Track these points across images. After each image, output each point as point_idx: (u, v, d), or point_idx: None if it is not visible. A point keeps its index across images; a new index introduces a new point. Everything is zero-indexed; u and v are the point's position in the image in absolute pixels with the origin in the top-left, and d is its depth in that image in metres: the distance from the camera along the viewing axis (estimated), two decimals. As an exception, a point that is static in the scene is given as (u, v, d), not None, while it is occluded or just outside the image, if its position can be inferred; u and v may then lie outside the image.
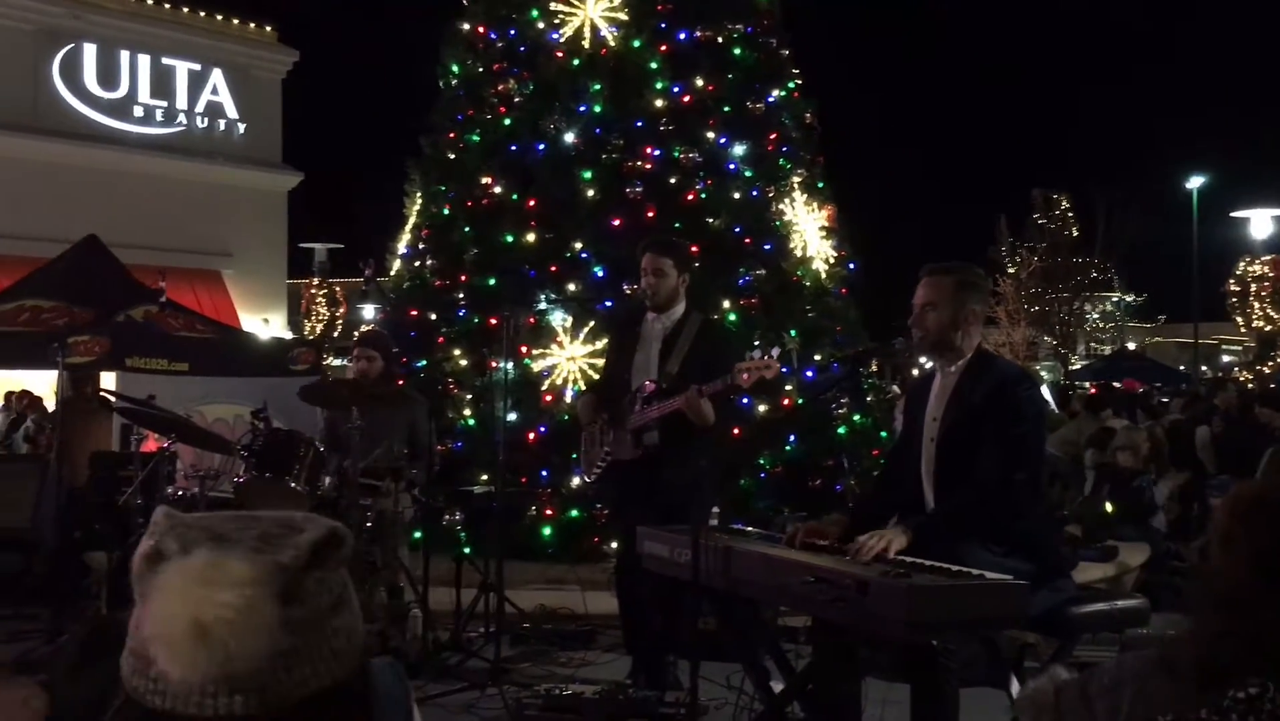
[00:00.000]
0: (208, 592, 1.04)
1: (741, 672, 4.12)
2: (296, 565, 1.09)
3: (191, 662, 1.03)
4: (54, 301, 12.02)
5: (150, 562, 1.10)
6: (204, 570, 1.05)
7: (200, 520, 1.13)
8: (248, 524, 1.13)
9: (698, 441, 4.80)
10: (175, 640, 1.03)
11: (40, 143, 19.71)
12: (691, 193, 8.64)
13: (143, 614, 1.09)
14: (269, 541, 1.10)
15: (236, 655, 1.03)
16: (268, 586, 1.06)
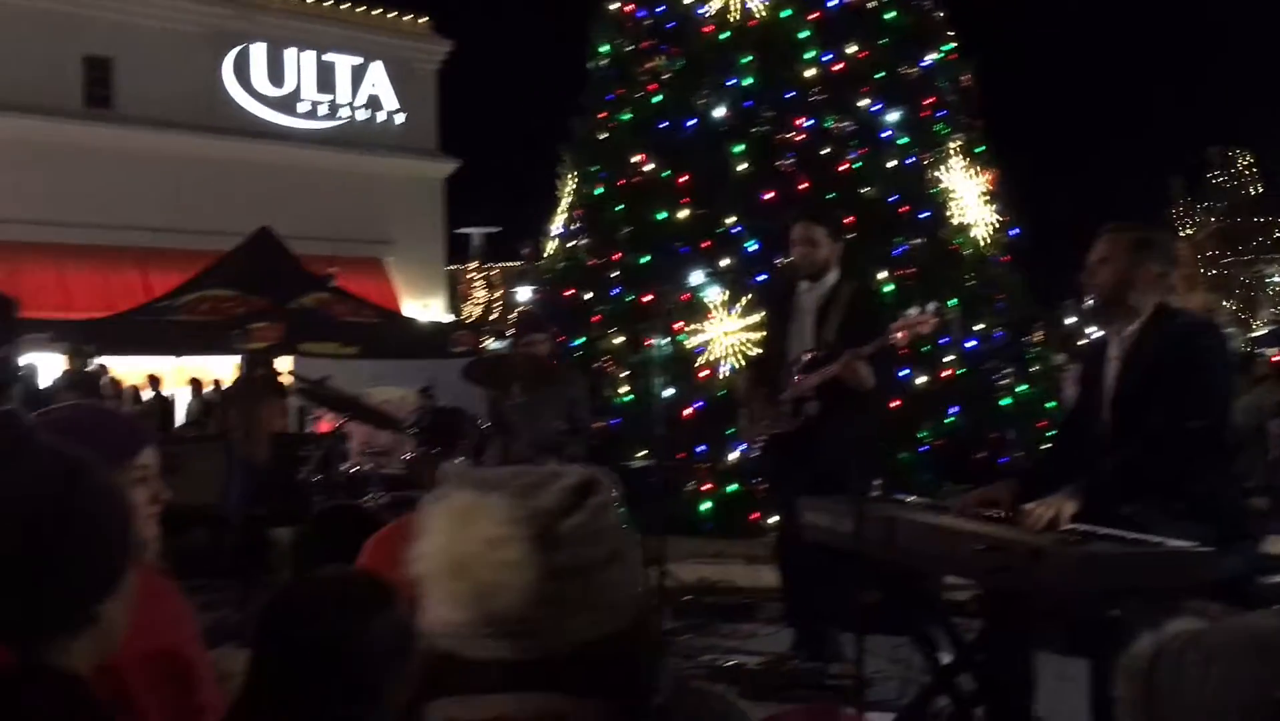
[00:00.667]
0: (467, 530, 1.06)
1: (906, 646, 4.07)
2: (555, 509, 1.09)
3: (453, 599, 1.06)
4: (232, 291, 12.70)
5: (432, 503, 1.13)
6: (465, 509, 1.08)
7: (480, 471, 1.17)
8: (517, 473, 1.15)
9: (858, 410, 4.75)
10: (437, 577, 1.07)
11: (216, 141, 20.76)
12: (844, 162, 8.50)
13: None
14: (534, 486, 1.11)
15: (494, 593, 1.05)
16: (524, 527, 1.07)
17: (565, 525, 1.10)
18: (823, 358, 4.92)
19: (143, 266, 19.67)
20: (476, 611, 1.06)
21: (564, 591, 1.08)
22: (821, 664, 4.60)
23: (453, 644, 1.10)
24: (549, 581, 1.07)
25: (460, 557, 1.06)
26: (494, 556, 1.05)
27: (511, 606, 1.06)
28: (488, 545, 1.06)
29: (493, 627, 1.07)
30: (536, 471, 1.16)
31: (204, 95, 21.18)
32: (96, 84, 20.50)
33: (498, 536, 1.06)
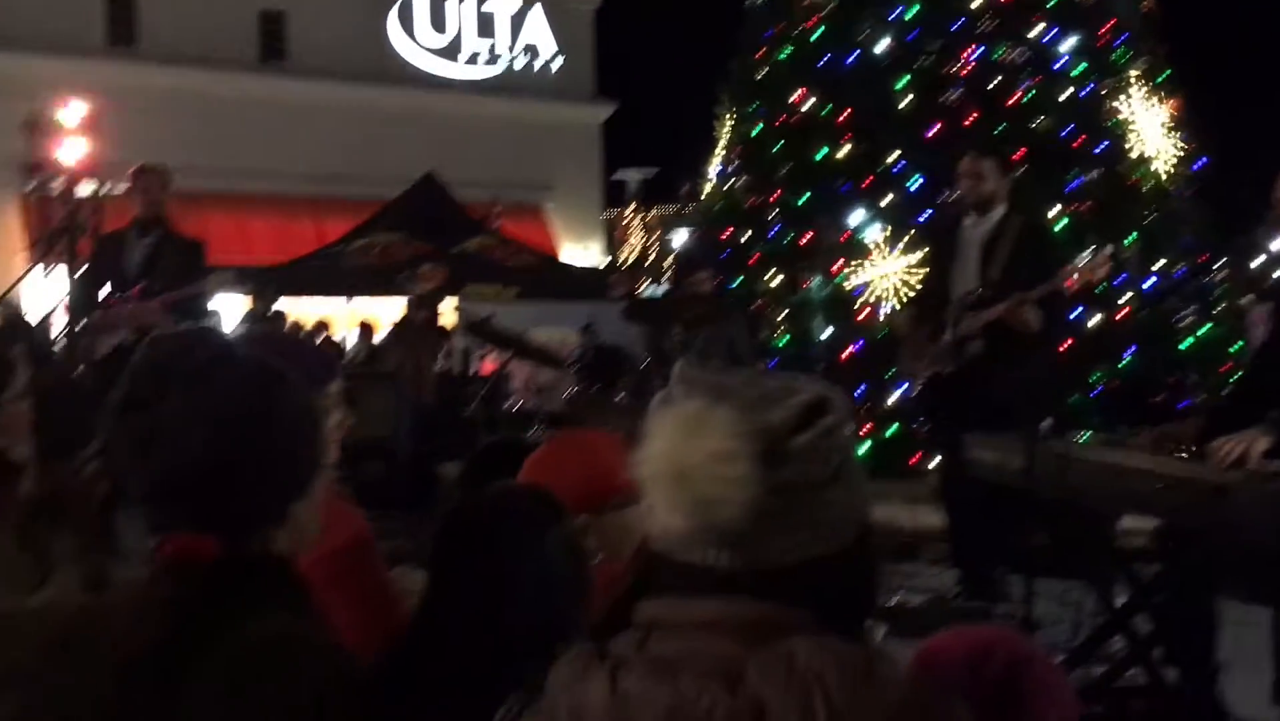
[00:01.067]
0: (692, 440, 1.06)
1: (1078, 589, 3.95)
2: (784, 427, 1.09)
3: (674, 506, 1.06)
4: (399, 236, 13.12)
5: (660, 405, 1.15)
6: (692, 418, 1.07)
7: (714, 374, 1.16)
8: (750, 382, 1.14)
9: (1025, 349, 4.61)
10: (660, 482, 1.07)
11: (382, 91, 21.34)
12: (1015, 94, 8.16)
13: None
14: (765, 400, 1.10)
15: (715, 505, 1.05)
16: (750, 443, 1.06)
17: (793, 443, 1.09)
18: (988, 297, 4.79)
19: (315, 214, 20.46)
20: (697, 520, 1.06)
21: (784, 508, 1.08)
22: (986, 604, 4.52)
23: (669, 546, 1.11)
24: (770, 497, 1.07)
25: (683, 468, 1.05)
26: (717, 470, 1.05)
27: (731, 519, 1.06)
28: (712, 458, 1.05)
29: (711, 536, 1.08)
30: (770, 383, 1.15)
31: (370, 46, 21.75)
32: (271, 37, 21.28)
33: (723, 450, 1.05)
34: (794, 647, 1.05)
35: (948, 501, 5.11)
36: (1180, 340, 7.85)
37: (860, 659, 1.06)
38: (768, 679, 1.03)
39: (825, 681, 1.03)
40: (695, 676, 1.03)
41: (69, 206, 9.71)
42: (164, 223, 6.37)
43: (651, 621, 1.11)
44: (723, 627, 1.08)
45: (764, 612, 1.08)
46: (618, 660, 1.08)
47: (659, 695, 1.04)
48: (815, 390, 1.12)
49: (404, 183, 14.82)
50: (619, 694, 1.05)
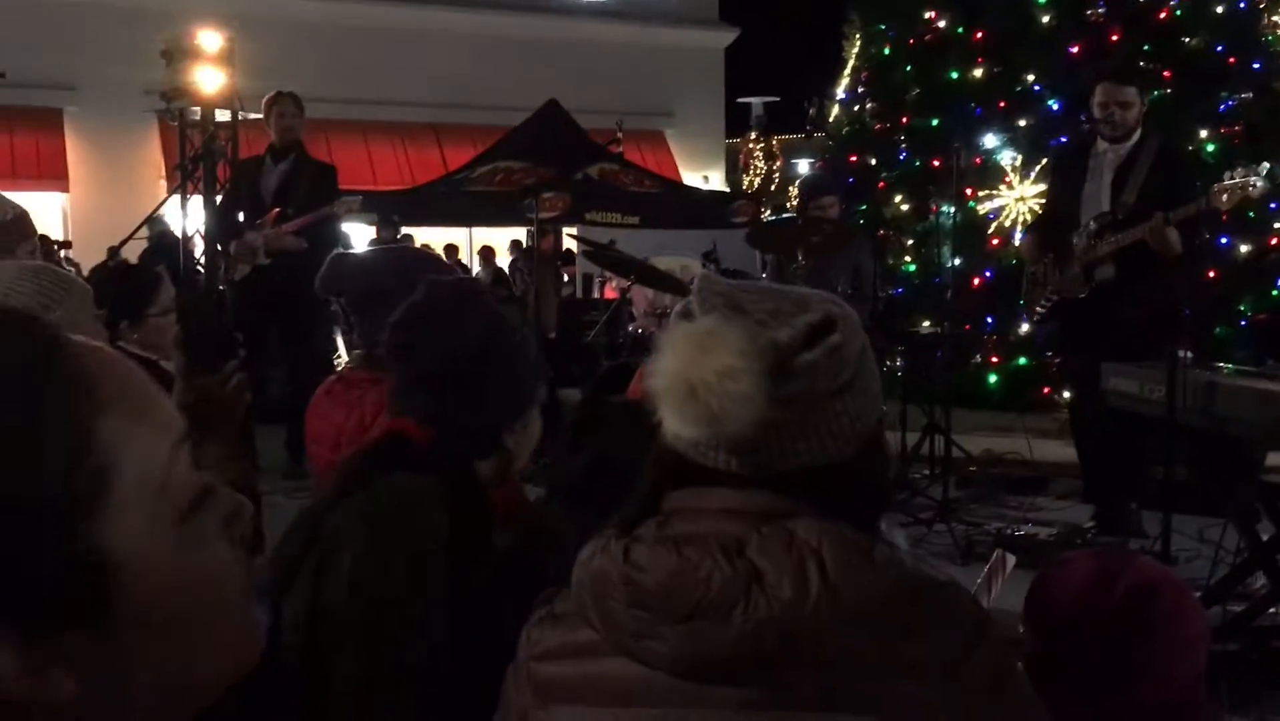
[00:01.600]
0: (702, 357, 1.10)
1: (1214, 525, 3.81)
2: (791, 344, 1.12)
3: (684, 418, 1.12)
4: (522, 163, 13.16)
5: (679, 319, 1.19)
6: (704, 336, 1.12)
7: (731, 287, 1.20)
8: (766, 297, 1.18)
9: (1161, 274, 4.42)
10: (671, 395, 1.12)
11: (506, 18, 21.36)
12: (1164, 10, 7.74)
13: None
14: (776, 317, 1.14)
15: (723, 419, 1.10)
16: (757, 360, 1.10)
17: (799, 360, 1.13)
18: (1121, 220, 4.60)
19: (439, 141, 20.71)
20: (707, 431, 1.12)
21: (790, 420, 1.13)
22: (1119, 538, 4.40)
23: (685, 450, 1.17)
24: (776, 410, 1.11)
25: (693, 383, 1.10)
26: (725, 386, 1.09)
27: (740, 431, 1.11)
28: (720, 375, 1.10)
29: (721, 445, 1.14)
30: (784, 298, 1.18)
31: (494, -28, 21.75)
32: (396, -34, 21.44)
33: (731, 367, 1.10)
34: (795, 525, 1.12)
35: (1079, 433, 4.97)
36: (1337, 271, 7.43)
37: (862, 540, 1.12)
38: (766, 550, 1.09)
39: (821, 554, 1.08)
40: (699, 546, 1.11)
41: (207, 133, 10.00)
42: (298, 149, 6.51)
43: (673, 509, 1.19)
44: (736, 513, 1.15)
45: (775, 502, 1.15)
46: (634, 537, 1.16)
47: (664, 561, 1.11)
48: (825, 308, 1.16)
49: (527, 110, 14.84)
50: (630, 561, 1.13)
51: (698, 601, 1.08)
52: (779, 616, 1.06)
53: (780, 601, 1.07)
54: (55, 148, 18.62)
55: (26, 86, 17.83)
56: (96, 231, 14.39)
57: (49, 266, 2.60)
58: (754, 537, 1.11)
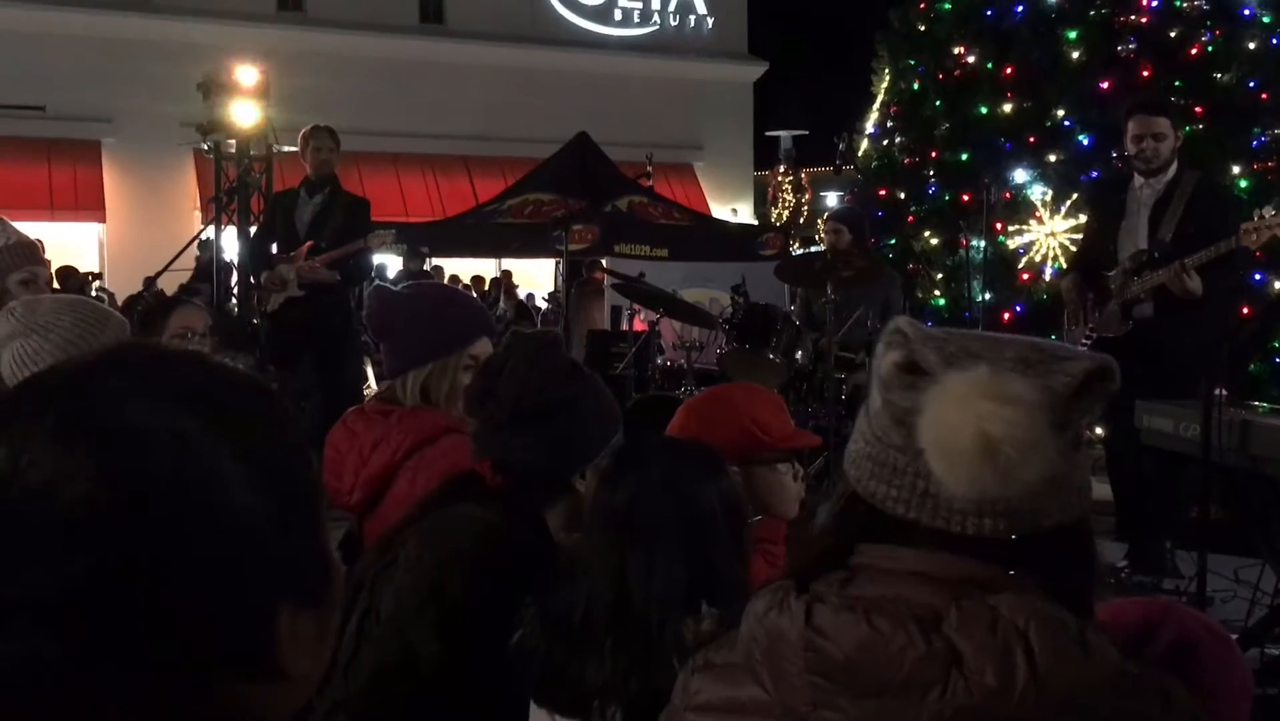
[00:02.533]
0: (995, 407, 1.02)
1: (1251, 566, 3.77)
2: (1068, 392, 1.06)
3: (975, 478, 1.02)
4: (552, 195, 13.25)
5: (906, 372, 1.10)
6: (989, 383, 1.03)
7: (949, 335, 1.13)
8: (998, 345, 1.11)
9: (1200, 312, 4.39)
10: (961, 452, 1.02)
11: (536, 51, 21.57)
12: (1196, 45, 7.71)
13: (895, 426, 1.10)
14: (1030, 365, 1.07)
15: (1018, 476, 1.02)
16: (1046, 410, 1.03)
17: (1074, 410, 1.07)
18: (1158, 259, 4.58)
19: (470, 173, 20.88)
20: (995, 491, 1.03)
21: (1065, 472, 1.06)
22: (1154, 578, 4.35)
23: (918, 512, 1.08)
24: (1060, 461, 1.04)
25: (991, 435, 1.01)
26: (1025, 441, 1.01)
27: (1030, 486, 1.02)
28: (1020, 429, 1.01)
29: (995, 506, 1.04)
30: (1021, 345, 1.11)
31: (525, 8, 21.98)
32: (430, 1, 21.71)
33: (1028, 420, 1.02)
34: (999, 601, 1.02)
35: (1114, 471, 4.92)
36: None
37: (1072, 623, 1.02)
38: (967, 629, 1.00)
39: (1029, 638, 0.99)
40: (891, 617, 1.02)
41: (242, 166, 10.14)
42: (333, 182, 6.58)
43: (858, 566, 1.11)
44: (931, 577, 1.06)
45: (979, 569, 1.06)
46: (816, 595, 1.07)
47: (852, 630, 1.03)
48: (1088, 355, 1.10)
49: (557, 142, 14.96)
50: (812, 625, 1.05)
51: (889, 679, 1.01)
52: (979, 705, 0.99)
53: (983, 689, 0.98)
54: (93, 179, 18.92)
55: (66, 119, 18.17)
56: (132, 262, 14.59)
57: (86, 300, 2.64)
58: (952, 612, 1.02)
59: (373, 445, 2.32)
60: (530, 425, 1.93)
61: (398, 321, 2.45)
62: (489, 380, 1.99)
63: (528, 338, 2.04)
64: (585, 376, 2.03)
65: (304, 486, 0.76)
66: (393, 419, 2.35)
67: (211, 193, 11.06)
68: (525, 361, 1.97)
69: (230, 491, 0.69)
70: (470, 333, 2.38)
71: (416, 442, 2.30)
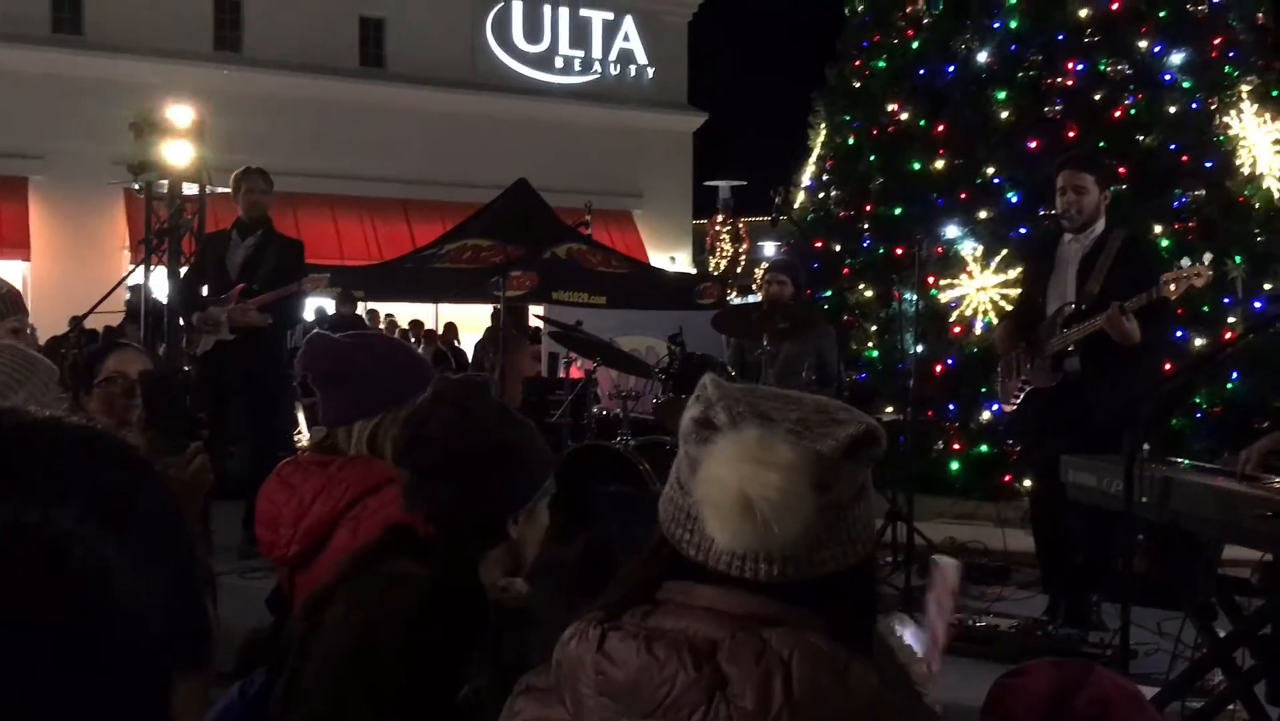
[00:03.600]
0: (756, 471, 1.11)
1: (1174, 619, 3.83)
2: (834, 456, 1.14)
3: (736, 532, 1.12)
4: (491, 240, 13.26)
5: (700, 427, 1.19)
6: (754, 448, 1.12)
7: (745, 393, 1.21)
8: (788, 405, 1.19)
9: (1124, 366, 4.50)
10: (724, 508, 1.12)
11: (477, 97, 21.65)
12: (1120, 108, 7.98)
13: (690, 475, 1.19)
14: (809, 427, 1.16)
15: (775, 533, 1.11)
16: (807, 473, 1.12)
17: (840, 472, 1.15)
18: (1085, 311, 4.69)
19: (408, 217, 20.82)
20: (755, 545, 1.13)
21: (823, 528, 1.15)
22: (1079, 631, 4.41)
23: (704, 556, 1.17)
24: (816, 520, 1.13)
25: (749, 496, 1.10)
26: (781, 504, 1.10)
27: (788, 542, 1.12)
28: (777, 493, 1.10)
29: (762, 556, 1.14)
30: (809, 405, 1.20)
31: (466, 53, 22.08)
32: (370, 43, 21.72)
33: (787, 485, 1.11)
34: (770, 635, 1.11)
35: (1040, 524, 5.00)
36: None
37: (837, 656, 1.11)
38: (735, 657, 1.09)
39: (790, 668, 1.08)
40: (669, 645, 1.12)
41: (174, 206, 10.01)
42: (266, 224, 6.52)
43: (661, 600, 1.20)
44: (719, 612, 1.15)
45: (763, 606, 1.15)
46: (615, 625, 1.17)
47: (633, 656, 1.13)
48: (858, 419, 1.18)
49: (497, 188, 15.00)
50: (602, 651, 1.14)
51: (660, 700, 1.10)
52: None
53: (741, 712, 1.07)
54: (18, 216, 18.56)
55: (-8, 155, 17.82)
56: (57, 302, 14.27)
57: (13, 346, 2.58)
58: (726, 642, 1.11)
59: (313, 495, 2.29)
60: (461, 473, 1.88)
61: (347, 369, 2.41)
62: (416, 428, 1.95)
63: (455, 383, 2.01)
64: (515, 421, 1.99)
65: (184, 554, 0.75)
66: (333, 469, 2.32)
67: (142, 233, 10.89)
68: (453, 407, 1.93)
69: (115, 578, 0.67)
70: (422, 384, 2.36)
71: (359, 493, 2.26)
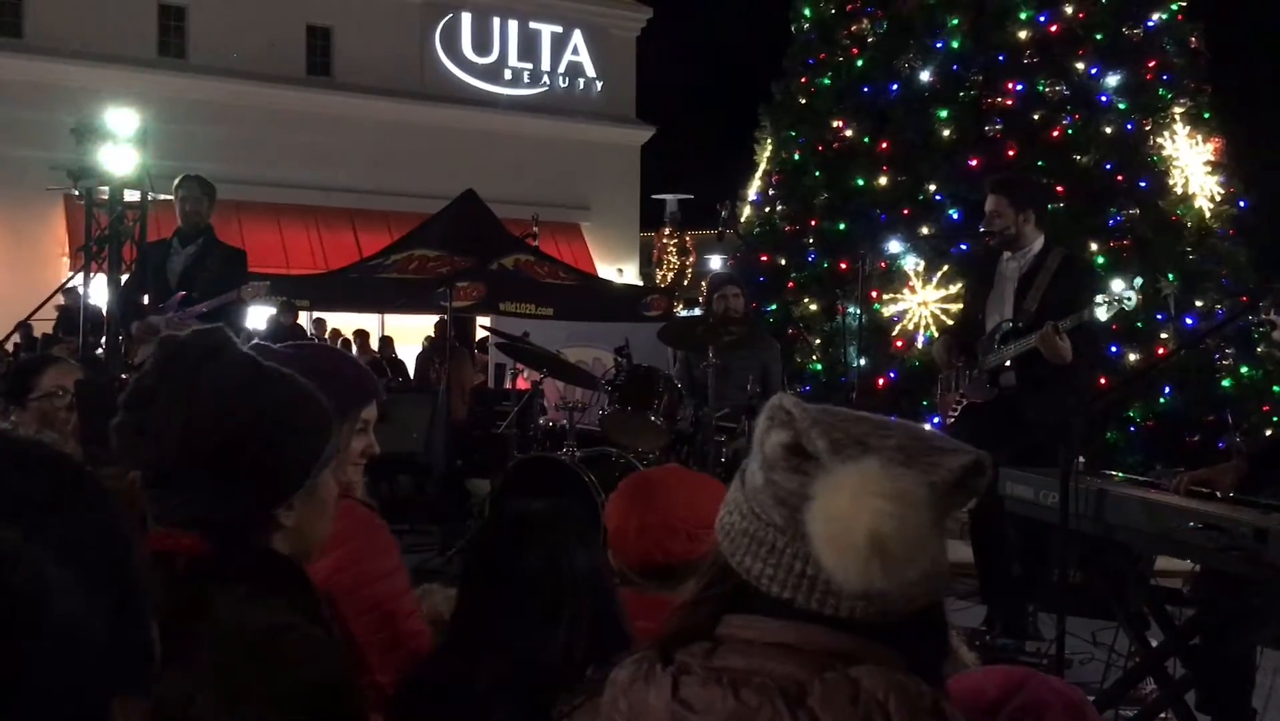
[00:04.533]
0: (885, 505, 1.04)
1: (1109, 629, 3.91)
2: (947, 487, 1.09)
3: (864, 572, 1.04)
4: (438, 251, 13.19)
5: (793, 455, 1.11)
6: (879, 481, 1.05)
7: (827, 415, 1.14)
8: (876, 429, 1.13)
9: (1059, 382, 4.60)
10: (852, 548, 1.04)
11: (426, 108, 21.56)
12: (1057, 128, 8.14)
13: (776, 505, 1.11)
14: (912, 456, 1.10)
15: (904, 572, 1.05)
16: (930, 508, 1.06)
17: (952, 502, 1.10)
18: (1022, 329, 4.79)
19: (355, 227, 20.66)
20: (883, 586, 1.05)
21: (939, 564, 1.09)
22: (1016, 641, 4.48)
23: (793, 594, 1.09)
24: (939, 555, 1.08)
25: (880, 534, 1.03)
26: (913, 541, 1.04)
27: (916, 580, 1.05)
28: (910, 529, 1.04)
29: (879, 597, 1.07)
30: (900, 432, 1.14)
31: (414, 63, 21.99)
32: (317, 52, 21.56)
33: (916, 520, 1.04)
34: (860, 674, 1.05)
35: (978, 536, 5.08)
36: (1220, 380, 7.77)
37: (927, 695, 1.05)
38: (830, 701, 1.03)
39: (889, 709, 1.02)
40: (758, 690, 1.04)
41: (115, 213, 9.85)
42: (206, 232, 6.44)
43: (724, 636, 1.12)
44: (794, 649, 1.08)
45: (840, 641, 1.08)
46: (683, 667, 1.08)
47: (720, 704, 1.04)
48: (963, 449, 1.13)
49: (444, 198, 14.93)
50: (679, 699, 1.05)
51: None
52: None
53: None
54: (-46, 222, 18.18)
55: (-73, 159, 17.44)
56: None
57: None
58: (816, 685, 1.04)
59: None
60: (210, 458, 1.43)
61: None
62: (139, 412, 1.45)
63: (181, 345, 1.50)
64: (270, 380, 1.52)
65: (130, 576, 0.74)
66: None
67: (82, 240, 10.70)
68: (185, 379, 1.45)
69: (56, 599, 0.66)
70: (366, 394, 2.31)
71: None
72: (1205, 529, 2.76)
